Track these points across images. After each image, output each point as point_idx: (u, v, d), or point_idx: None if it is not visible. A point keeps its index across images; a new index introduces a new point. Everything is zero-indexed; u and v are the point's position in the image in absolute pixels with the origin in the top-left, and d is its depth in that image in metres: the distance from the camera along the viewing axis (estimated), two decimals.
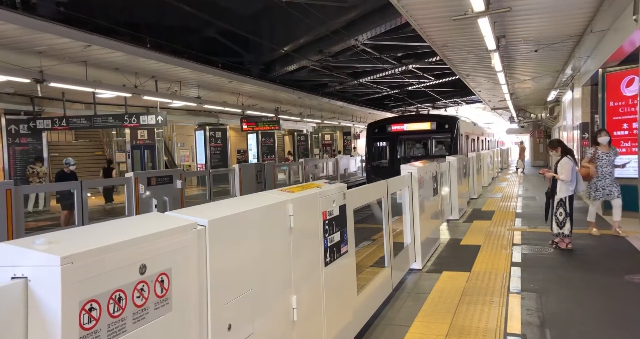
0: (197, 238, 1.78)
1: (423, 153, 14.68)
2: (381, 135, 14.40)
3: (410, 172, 5.28)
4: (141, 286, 1.50)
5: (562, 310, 4.03)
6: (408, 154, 15.09)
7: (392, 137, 14.14)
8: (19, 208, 6.62)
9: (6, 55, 9.10)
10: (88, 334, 1.30)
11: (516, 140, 34.69)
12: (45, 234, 1.38)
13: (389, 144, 14.35)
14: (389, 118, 15.75)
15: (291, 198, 2.57)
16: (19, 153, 13.60)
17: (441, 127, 13.47)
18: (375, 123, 15.14)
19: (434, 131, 13.67)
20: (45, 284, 1.23)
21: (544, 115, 23.00)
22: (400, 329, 3.68)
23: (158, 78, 12.62)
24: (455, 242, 6.87)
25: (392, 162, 13.68)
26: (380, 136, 14.47)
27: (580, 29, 8.27)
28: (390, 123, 14.41)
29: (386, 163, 14.13)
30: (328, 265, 2.97)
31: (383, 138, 14.49)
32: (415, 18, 7.46)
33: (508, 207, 10.28)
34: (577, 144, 11.48)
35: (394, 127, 14.14)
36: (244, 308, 2.05)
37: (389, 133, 14.15)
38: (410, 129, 13.93)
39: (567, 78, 12.91)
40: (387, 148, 14.47)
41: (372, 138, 14.71)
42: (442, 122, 13.63)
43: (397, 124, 14.19)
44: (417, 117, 14.82)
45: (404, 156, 14.82)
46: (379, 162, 14.58)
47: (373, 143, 14.70)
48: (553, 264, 5.52)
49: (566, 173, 5.98)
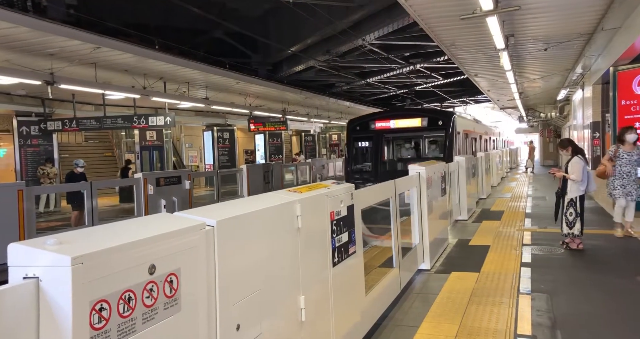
0: (205, 239, 1.79)
1: (413, 154, 12.40)
2: (363, 133, 11.96)
3: (418, 172, 5.26)
4: (150, 287, 1.51)
5: (573, 311, 3.98)
6: (396, 156, 13.01)
7: (376, 136, 11.72)
8: (31, 208, 6.71)
9: (18, 58, 9.23)
10: (98, 334, 1.31)
11: (525, 140, 34.40)
12: (56, 234, 1.39)
13: (372, 144, 11.86)
14: (372, 113, 12.98)
15: (299, 198, 2.57)
16: (30, 154, 13.78)
17: (434, 124, 11.21)
18: (357, 119, 12.57)
19: (425, 128, 11.37)
20: (56, 285, 1.24)
21: (554, 115, 22.76)
22: (409, 330, 3.66)
23: (166, 79, 12.71)
24: (464, 242, 6.82)
25: (376, 166, 11.45)
26: (363, 135, 12.02)
27: (591, 27, 8.17)
28: (374, 120, 11.94)
29: (369, 167, 11.62)
30: (336, 266, 2.96)
31: (366, 138, 12.07)
32: (423, 17, 7.43)
33: (517, 207, 10.19)
34: (587, 143, 11.34)
35: (378, 124, 11.73)
36: (252, 308, 2.05)
37: (373, 131, 11.75)
38: (397, 126, 11.57)
39: (578, 76, 12.77)
40: (370, 149, 12.04)
41: (353, 138, 12.31)
42: (434, 118, 11.35)
43: (382, 120, 11.80)
44: (405, 112, 12.30)
45: (391, 158, 12.84)
46: (361, 165, 12.14)
47: (354, 143, 12.34)
48: (564, 265, 5.45)
49: (577, 173, 5.91)
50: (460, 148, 11.77)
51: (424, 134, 12.29)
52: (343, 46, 15.79)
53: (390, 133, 11.88)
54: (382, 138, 11.79)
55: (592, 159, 10.43)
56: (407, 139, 12.74)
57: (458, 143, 11.50)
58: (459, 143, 11.72)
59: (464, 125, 12.72)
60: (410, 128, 11.55)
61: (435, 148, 12.09)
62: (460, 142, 11.90)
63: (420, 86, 24.14)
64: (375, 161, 11.64)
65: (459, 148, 11.56)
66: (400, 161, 12.23)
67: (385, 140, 12.29)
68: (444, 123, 11.11)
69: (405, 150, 12.74)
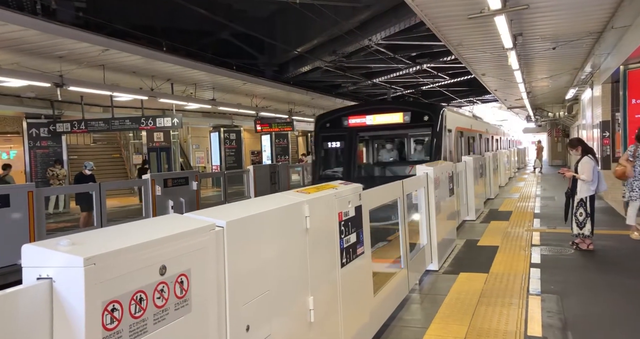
0: (215, 239, 1.79)
1: (395, 157, 10.31)
2: (334, 131, 9.73)
3: (426, 173, 5.24)
4: (161, 287, 1.51)
5: (584, 313, 3.94)
6: (373, 159, 10.85)
7: (349, 135, 9.48)
8: (40, 209, 6.78)
9: (28, 60, 9.33)
10: (111, 334, 1.32)
11: (533, 139, 34.14)
12: (69, 235, 1.40)
13: (345, 145, 9.59)
14: (344, 108, 10.64)
15: (307, 199, 2.57)
16: (40, 156, 13.92)
17: (418, 120, 9.08)
18: (326, 115, 10.30)
19: (408, 125, 9.21)
20: (69, 285, 1.25)
21: (562, 114, 22.55)
22: (418, 331, 3.64)
23: (174, 81, 12.79)
24: (472, 243, 6.78)
25: (349, 171, 9.16)
26: (334, 133, 9.76)
27: (601, 25, 8.08)
28: (346, 115, 9.71)
29: (341, 172, 9.41)
30: (344, 266, 2.96)
31: (337, 137, 9.79)
32: (430, 17, 7.40)
33: (526, 207, 10.11)
34: (597, 143, 11.22)
35: (352, 120, 9.55)
36: (261, 309, 2.05)
37: (346, 128, 9.56)
38: (375, 123, 9.40)
39: (587, 75, 12.64)
40: (342, 150, 9.75)
41: (322, 137, 9.98)
42: (419, 113, 9.16)
43: (357, 116, 9.59)
44: (383, 106, 9.95)
45: (368, 162, 10.74)
46: (331, 170, 9.90)
47: (323, 144, 10.00)
48: (574, 265, 5.40)
49: (587, 173, 5.85)
50: (452, 149, 9.71)
51: (407, 132, 10.08)
52: (349, 46, 15.77)
53: (367, 131, 9.71)
54: (356, 138, 9.60)
55: (602, 159, 10.32)
56: (387, 138, 10.45)
57: (449, 143, 9.37)
58: (450, 143, 9.56)
59: (457, 121, 10.55)
60: (391, 125, 9.32)
61: (421, 150, 10.13)
62: (452, 141, 9.75)
63: (427, 86, 24.05)
64: (349, 165, 9.30)
65: (450, 149, 9.49)
66: (379, 165, 10.08)
67: (360, 140, 10.21)
68: (430, 118, 8.98)
69: (386, 151, 10.46)
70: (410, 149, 10.73)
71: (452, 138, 9.76)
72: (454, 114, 10.72)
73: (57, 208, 13.10)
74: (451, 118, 9.80)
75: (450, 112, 10.06)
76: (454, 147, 9.99)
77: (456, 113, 11.33)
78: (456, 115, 11.04)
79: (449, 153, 9.38)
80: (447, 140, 9.25)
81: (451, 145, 9.63)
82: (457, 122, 10.56)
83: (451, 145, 9.63)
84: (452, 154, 9.66)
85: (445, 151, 9.02)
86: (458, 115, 11.31)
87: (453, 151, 9.82)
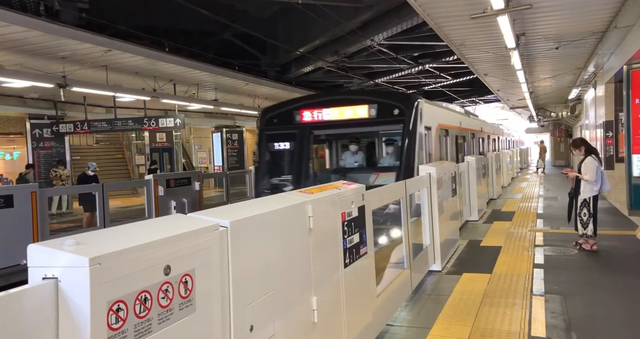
0: (219, 240, 1.80)
1: (361, 162, 8.22)
2: (283, 128, 7.76)
3: (429, 173, 5.23)
4: (166, 287, 1.51)
5: (588, 314, 3.92)
6: (331, 164, 8.96)
7: (302, 133, 7.50)
8: (44, 210, 6.80)
9: (31, 61, 9.37)
10: (116, 334, 1.32)
11: (536, 140, 34.07)
12: (74, 235, 1.40)
13: (296, 146, 7.56)
14: (296, 99, 8.30)
15: (310, 199, 2.57)
16: (43, 156, 13.97)
17: (387, 114, 7.15)
18: (274, 108, 8.10)
19: (375, 121, 7.28)
20: (75, 285, 1.26)
21: (565, 114, 22.50)
22: (421, 332, 3.64)
23: (176, 81, 12.81)
24: (475, 243, 6.76)
25: (299, 180, 7.29)
26: (282, 131, 7.80)
27: (604, 25, 8.06)
28: (298, 108, 7.65)
29: (290, 182, 7.49)
30: (347, 266, 2.96)
31: (286, 136, 7.78)
32: (432, 17, 7.39)
33: (529, 208, 10.08)
34: (600, 143, 11.19)
35: (305, 114, 7.53)
36: (265, 309, 2.05)
37: (298, 125, 7.55)
38: (334, 118, 7.41)
39: (590, 75, 12.61)
40: (293, 153, 7.66)
41: (267, 136, 7.91)
42: (387, 105, 7.22)
43: (311, 109, 7.56)
44: (344, 97, 7.80)
45: (325, 168, 8.74)
46: (278, 179, 7.82)
47: (268, 145, 7.94)
48: (577, 266, 5.38)
49: (591, 173, 5.83)
50: (433, 152, 7.75)
51: (373, 130, 8.01)
52: (351, 47, 15.78)
53: (324, 128, 7.65)
54: (310, 137, 7.52)
55: (606, 159, 10.28)
56: (350, 138, 8.41)
57: (427, 145, 7.46)
58: (430, 144, 7.62)
59: (439, 117, 8.59)
60: (353, 121, 7.34)
61: (391, 153, 8.12)
62: (433, 142, 7.78)
63: (429, 86, 24.02)
64: (300, 172, 7.34)
65: (430, 151, 7.58)
66: (338, 172, 7.87)
67: (316, 140, 8.13)
68: (401, 112, 7.04)
69: (348, 155, 8.36)
70: (378, 152, 8.68)
71: (433, 138, 7.77)
72: (435, 108, 8.58)
73: (60, 209, 13.14)
74: (430, 113, 7.80)
75: (430, 105, 8.05)
76: (435, 148, 7.95)
77: (438, 107, 9.08)
78: (438, 109, 8.89)
79: (428, 157, 7.41)
80: (425, 141, 7.32)
81: (430, 147, 7.62)
82: (440, 118, 8.61)
83: (430, 146, 7.62)
84: (433, 158, 7.66)
85: (423, 154, 7.07)
86: (441, 109, 9.22)
87: (434, 154, 7.77)
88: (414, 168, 6.58)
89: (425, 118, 7.35)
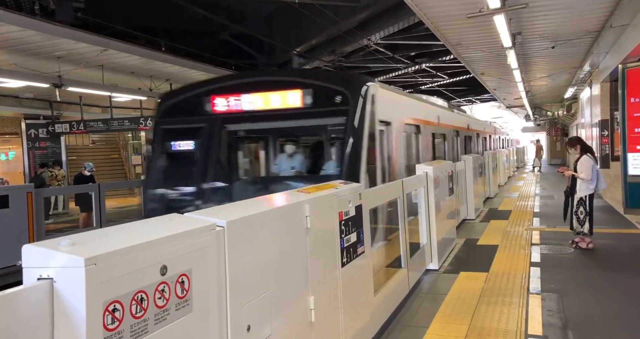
0: (216, 239, 1.79)
1: (300, 167, 5.71)
2: (185, 122, 5.66)
3: (425, 172, 5.24)
4: (162, 287, 1.51)
5: (584, 312, 3.94)
6: (250, 171, 6.48)
7: (212, 128, 5.39)
8: (40, 210, 6.77)
9: (26, 61, 9.31)
10: (112, 334, 1.31)
11: (532, 139, 34.19)
12: (70, 235, 1.40)
13: (202, 145, 5.41)
14: (203, 82, 5.93)
15: (307, 198, 2.57)
16: (39, 156, 13.90)
17: (326, 102, 5.07)
18: (175, 94, 5.98)
19: (312, 112, 5.11)
20: (70, 286, 1.25)
21: (561, 113, 22.59)
22: (418, 331, 3.64)
23: (173, 81, 12.77)
24: (472, 242, 6.78)
25: (203, 194, 5.19)
26: (183, 124, 5.69)
27: (599, 24, 8.09)
28: (207, 94, 5.51)
29: (191, 195, 5.28)
30: (345, 266, 2.95)
31: (189, 132, 5.63)
32: (429, 16, 7.40)
33: (525, 206, 10.12)
34: (596, 142, 11.23)
35: (217, 101, 5.43)
36: (262, 309, 2.05)
37: (207, 117, 5.42)
38: (256, 108, 5.30)
39: (585, 74, 12.66)
40: (198, 154, 5.46)
41: (163, 132, 5.70)
42: (326, 90, 5.16)
43: (224, 95, 5.42)
44: (270, 79, 5.64)
45: (241, 177, 6.02)
46: (174, 190, 5.56)
47: (164, 144, 5.71)
48: (574, 264, 5.40)
49: (586, 172, 5.86)
50: (395, 154, 5.78)
51: (308, 123, 5.40)
52: (348, 46, 15.78)
53: (241, 121, 5.49)
54: (223, 133, 5.40)
55: (601, 158, 10.33)
56: (277, 134, 6.20)
57: (384, 145, 5.49)
58: (389, 145, 5.65)
59: (404, 108, 6.59)
60: (281, 112, 5.21)
61: (331, 155, 5.58)
62: (393, 141, 5.74)
63: (426, 85, 24.06)
64: (206, 183, 5.25)
65: (389, 154, 5.64)
66: (256, 184, 5.73)
67: (231, 138, 5.72)
68: (344, 100, 5.00)
69: (284, 159, 5.83)
70: (313, 154, 6.11)
71: (393, 137, 5.70)
72: (398, 97, 6.50)
73: (56, 209, 13.08)
74: (389, 103, 5.80)
75: (389, 91, 5.99)
76: (398, 150, 5.90)
77: (401, 95, 6.98)
78: (403, 99, 6.84)
79: (386, 161, 5.50)
80: (382, 140, 5.36)
81: (390, 148, 5.63)
82: (406, 111, 6.62)
83: (390, 147, 5.63)
84: (393, 162, 5.68)
85: (377, 157, 5.10)
86: (408, 99, 7.17)
87: (396, 156, 5.75)
88: (359, 176, 4.52)
89: (381, 109, 5.22)
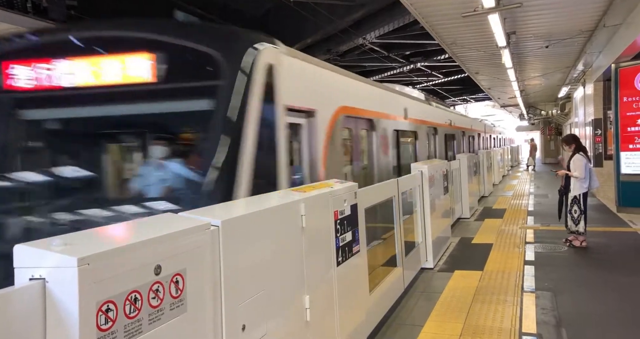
0: (210, 239, 1.78)
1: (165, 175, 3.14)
2: None
3: (420, 171, 5.25)
4: (156, 287, 1.50)
5: (578, 310, 3.97)
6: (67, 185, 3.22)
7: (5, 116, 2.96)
8: None
9: None
10: (105, 335, 1.30)
11: (526, 138, 34.38)
12: (62, 235, 1.38)
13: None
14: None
15: (303, 197, 2.56)
16: None
17: (182, 72, 2.86)
18: None
19: (169, 89, 2.84)
20: (63, 286, 1.23)
21: (555, 112, 22.73)
22: (414, 329, 3.65)
23: None
24: (467, 241, 6.81)
25: None
26: None
27: (593, 23, 8.15)
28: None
29: None
30: (340, 265, 2.95)
31: None
32: (424, 15, 7.41)
33: (520, 205, 10.17)
34: (589, 141, 11.32)
35: (15, 71, 2.91)
36: (257, 308, 2.04)
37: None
38: (83, 83, 2.89)
39: (579, 74, 12.75)
40: None
41: None
42: (181, 52, 2.88)
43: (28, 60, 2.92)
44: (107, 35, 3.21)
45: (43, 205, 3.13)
46: None
47: None
48: (568, 262, 5.44)
49: (579, 170, 5.90)
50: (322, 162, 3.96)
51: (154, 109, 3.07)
52: (343, 45, 15.77)
53: (60, 104, 3.16)
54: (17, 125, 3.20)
55: (594, 156, 10.41)
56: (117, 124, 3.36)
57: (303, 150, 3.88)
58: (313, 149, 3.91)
59: (338, 92, 4.61)
60: (121, 89, 2.99)
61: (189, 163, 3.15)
62: (320, 143, 3.95)
63: (421, 84, 24.12)
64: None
65: (315, 157, 3.90)
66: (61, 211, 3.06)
67: (36, 132, 3.34)
68: (212, 70, 2.92)
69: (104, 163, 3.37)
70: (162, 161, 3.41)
71: (318, 134, 3.96)
72: (329, 75, 4.50)
73: None
74: (307, 81, 4.03)
75: (305, 62, 4.17)
76: (327, 156, 4.06)
77: (339, 74, 4.87)
78: (337, 77, 4.72)
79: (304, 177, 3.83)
80: (289, 141, 3.52)
81: (313, 154, 3.93)
82: (344, 96, 4.66)
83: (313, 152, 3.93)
84: (321, 173, 3.92)
85: (270, 172, 3.22)
86: (347, 80, 5.06)
87: (320, 168, 3.93)
88: (231, 185, 2.82)
89: (293, 89, 3.64)
